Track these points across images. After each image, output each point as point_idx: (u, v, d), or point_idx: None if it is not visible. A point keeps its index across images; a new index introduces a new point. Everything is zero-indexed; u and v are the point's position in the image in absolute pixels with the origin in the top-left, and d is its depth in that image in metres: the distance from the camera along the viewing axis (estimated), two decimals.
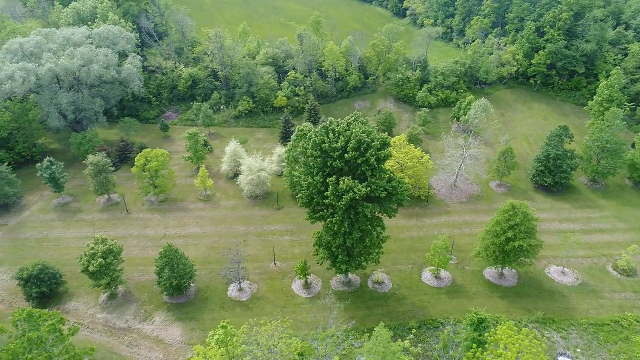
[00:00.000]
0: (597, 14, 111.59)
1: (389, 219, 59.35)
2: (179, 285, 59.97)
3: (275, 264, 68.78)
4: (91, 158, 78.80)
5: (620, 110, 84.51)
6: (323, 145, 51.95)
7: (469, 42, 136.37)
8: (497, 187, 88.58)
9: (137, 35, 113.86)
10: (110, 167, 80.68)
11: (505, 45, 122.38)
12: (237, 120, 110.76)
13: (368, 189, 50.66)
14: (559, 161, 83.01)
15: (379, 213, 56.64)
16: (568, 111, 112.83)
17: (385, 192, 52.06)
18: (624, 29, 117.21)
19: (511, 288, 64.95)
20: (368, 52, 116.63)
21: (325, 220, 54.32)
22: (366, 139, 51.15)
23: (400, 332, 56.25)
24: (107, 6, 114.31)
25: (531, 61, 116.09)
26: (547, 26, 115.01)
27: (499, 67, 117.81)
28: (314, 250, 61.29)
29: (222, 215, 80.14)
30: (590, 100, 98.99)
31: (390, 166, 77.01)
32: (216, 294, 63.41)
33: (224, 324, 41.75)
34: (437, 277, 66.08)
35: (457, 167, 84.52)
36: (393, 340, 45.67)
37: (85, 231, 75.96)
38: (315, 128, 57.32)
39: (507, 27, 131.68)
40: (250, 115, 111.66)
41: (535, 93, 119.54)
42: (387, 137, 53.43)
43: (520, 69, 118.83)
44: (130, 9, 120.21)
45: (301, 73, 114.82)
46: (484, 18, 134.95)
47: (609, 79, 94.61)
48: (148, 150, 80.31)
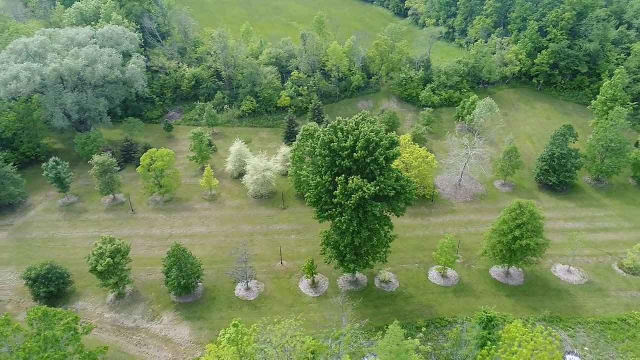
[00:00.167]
0: (600, 13, 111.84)
1: (397, 217, 59.38)
2: (187, 285, 60.03)
3: (281, 263, 68.87)
4: (97, 158, 78.85)
5: (624, 109, 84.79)
6: (332, 144, 52.04)
7: (471, 41, 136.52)
8: (502, 186, 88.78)
9: (140, 35, 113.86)
10: (116, 167, 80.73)
11: (508, 44, 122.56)
12: (241, 120, 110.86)
13: (377, 188, 50.79)
14: (564, 160, 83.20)
15: (386, 212, 56.78)
16: (571, 110, 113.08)
17: (393, 191, 52.18)
18: (626, 29, 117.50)
19: (518, 287, 65.10)
20: (371, 52, 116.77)
21: (334, 219, 54.38)
22: (375, 138, 51.27)
23: (409, 331, 56.32)
24: (110, 6, 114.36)
25: (534, 61, 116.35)
26: (550, 26, 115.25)
27: (501, 66, 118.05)
28: (322, 249, 61.43)
29: (227, 215, 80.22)
30: (594, 100, 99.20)
31: (395, 166, 77.08)
32: (223, 293, 63.49)
33: (235, 322, 41.86)
34: (443, 276, 66.23)
35: (462, 167, 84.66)
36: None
37: (91, 231, 76.03)
38: (324, 127, 57.48)
39: (509, 26, 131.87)
40: (253, 115, 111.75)
41: (538, 92, 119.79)
42: (396, 136, 53.54)
43: (523, 69, 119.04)
44: (133, 9, 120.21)
45: (304, 73, 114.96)
46: (486, 18, 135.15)
47: (612, 79, 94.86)
48: (153, 150, 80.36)
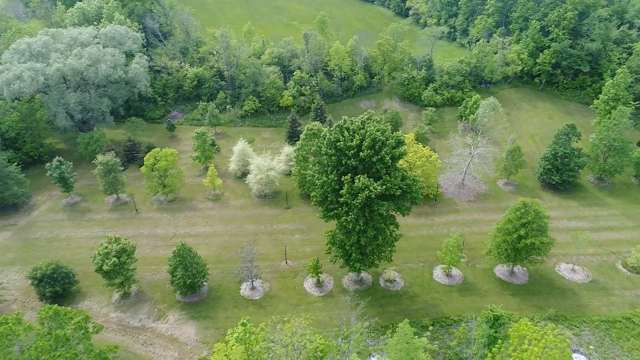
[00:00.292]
0: (602, 13, 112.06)
1: (402, 217, 59.48)
2: (193, 284, 60.08)
3: (286, 262, 68.95)
4: (100, 158, 78.86)
5: (627, 108, 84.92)
6: (338, 143, 52.16)
7: (473, 41, 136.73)
8: (505, 185, 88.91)
9: (143, 35, 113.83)
10: (120, 167, 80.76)
11: (510, 44, 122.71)
12: (244, 120, 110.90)
13: (383, 187, 50.93)
14: (567, 159, 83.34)
15: (392, 211, 56.88)
16: (573, 110, 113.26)
17: (400, 191, 52.30)
18: (627, 28, 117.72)
19: (522, 286, 65.22)
20: (374, 52, 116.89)
21: (340, 219, 54.49)
22: (381, 137, 51.40)
23: (416, 330, 56.39)
24: (112, 6, 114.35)
25: (536, 60, 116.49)
26: (552, 25, 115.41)
27: (503, 66, 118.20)
28: (327, 248, 61.58)
29: (231, 215, 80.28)
30: (596, 99, 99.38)
31: (399, 165, 77.18)
32: (229, 292, 63.56)
33: (244, 322, 41.98)
34: (448, 275, 66.35)
35: (465, 166, 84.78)
36: None
37: (96, 231, 76.07)
38: (329, 127, 57.56)
39: (511, 26, 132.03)
40: (256, 115, 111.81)
41: (540, 92, 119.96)
42: (402, 135, 53.66)
43: (525, 68, 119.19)
44: (136, 8, 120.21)
45: (307, 73, 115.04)
46: (488, 17, 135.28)
47: (614, 78, 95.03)
48: (157, 149, 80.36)
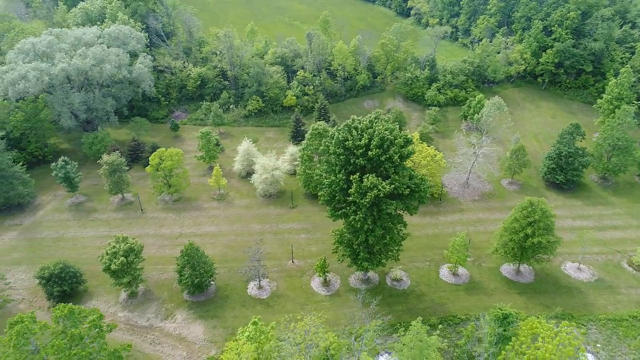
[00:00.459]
0: (605, 13, 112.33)
1: (408, 216, 59.61)
2: (200, 284, 60.17)
3: (293, 262, 69.05)
4: (106, 157, 78.89)
5: (631, 107, 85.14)
6: (346, 142, 52.27)
7: (475, 41, 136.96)
8: (509, 185, 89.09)
9: (146, 35, 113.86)
10: (125, 167, 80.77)
11: (513, 44, 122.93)
12: (247, 120, 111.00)
13: (392, 186, 51.04)
14: (571, 159, 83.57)
15: (400, 210, 56.99)
16: (576, 109, 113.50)
17: (408, 190, 52.42)
18: (630, 28, 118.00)
19: (529, 284, 65.37)
20: (377, 52, 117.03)
21: (348, 218, 54.55)
22: (389, 136, 51.51)
23: (427, 328, 56.49)
24: (116, 6, 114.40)
25: (539, 60, 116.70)
26: (555, 25, 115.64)
27: (506, 66, 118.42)
28: (334, 248, 61.71)
29: (237, 214, 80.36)
30: (600, 99, 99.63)
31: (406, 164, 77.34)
32: (236, 292, 63.64)
33: (255, 320, 42.12)
34: (454, 274, 66.49)
35: (470, 165, 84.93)
36: None
37: (101, 230, 76.12)
38: (336, 127, 57.62)
39: (513, 26, 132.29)
40: (259, 115, 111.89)
41: (543, 91, 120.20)
42: (410, 135, 53.77)
43: (527, 68, 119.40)
44: (139, 9, 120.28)
45: (310, 72, 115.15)
46: (490, 17, 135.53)
47: (618, 78, 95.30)
48: (162, 149, 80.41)
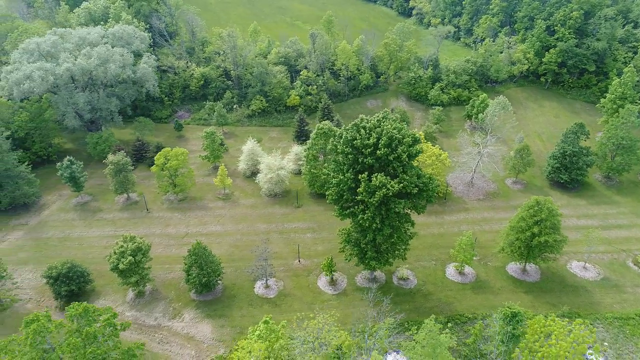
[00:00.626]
0: (608, 12, 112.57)
1: (417, 215, 59.74)
2: (208, 283, 60.28)
3: (299, 261, 69.16)
4: (111, 157, 78.94)
5: (635, 107, 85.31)
6: (355, 142, 52.39)
7: (478, 41, 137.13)
8: (513, 184, 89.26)
9: (149, 35, 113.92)
10: (130, 167, 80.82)
11: (515, 44, 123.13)
12: (251, 120, 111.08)
13: (400, 185, 51.17)
14: (575, 158, 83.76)
15: (407, 209, 57.09)
16: (579, 109, 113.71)
17: (416, 189, 52.55)
18: (632, 28, 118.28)
19: (535, 283, 65.54)
20: (380, 52, 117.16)
21: (356, 217, 54.65)
22: (397, 135, 51.64)
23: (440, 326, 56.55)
24: (119, 6, 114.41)
25: (542, 59, 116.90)
26: (558, 25, 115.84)
27: (509, 65, 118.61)
28: (341, 247, 61.83)
29: (242, 214, 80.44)
30: (603, 98, 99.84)
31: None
32: (243, 291, 63.74)
33: (266, 319, 42.24)
34: (461, 273, 66.63)
35: (475, 165, 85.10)
36: None
37: (107, 230, 76.18)
38: (337, 125, 57.83)
39: (515, 25, 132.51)
40: (263, 115, 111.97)
41: (546, 91, 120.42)
42: (418, 134, 53.91)
43: (530, 67, 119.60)
44: (142, 8, 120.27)
45: (313, 72, 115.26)
46: (493, 17, 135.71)
47: (622, 77, 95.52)
48: (168, 149, 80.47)
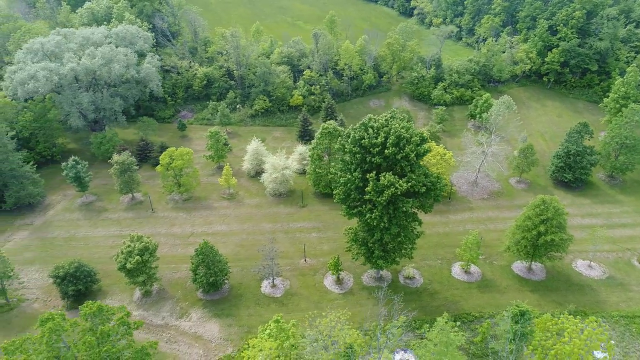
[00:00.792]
0: (611, 12, 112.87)
1: (424, 214, 59.91)
2: (215, 282, 60.34)
3: (305, 260, 69.25)
4: (116, 157, 78.95)
5: (639, 106, 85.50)
6: (363, 141, 52.52)
7: (480, 40, 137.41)
8: (517, 183, 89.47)
9: (152, 35, 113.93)
10: (135, 166, 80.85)
11: (518, 43, 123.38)
12: (254, 119, 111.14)
13: (409, 184, 51.31)
14: (579, 157, 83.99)
15: (414, 208, 57.23)
16: (581, 108, 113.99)
17: (424, 188, 52.70)
18: (634, 27, 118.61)
19: (541, 282, 65.74)
20: (383, 51, 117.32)
21: (364, 216, 54.76)
22: (405, 134, 51.80)
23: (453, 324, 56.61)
24: (123, 6, 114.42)
25: (545, 59, 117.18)
26: (561, 24, 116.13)
27: (512, 65, 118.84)
28: (348, 246, 61.97)
29: (247, 213, 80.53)
30: (606, 98, 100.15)
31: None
32: (250, 290, 63.84)
33: (277, 318, 42.35)
34: (467, 272, 66.79)
35: (479, 164, 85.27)
36: None
37: (113, 230, 76.22)
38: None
39: (517, 25, 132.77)
40: (266, 114, 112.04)
41: (548, 91, 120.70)
42: (425, 133, 54.09)
43: (533, 67, 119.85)
44: (144, 8, 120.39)
45: (317, 72, 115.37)
46: (495, 17, 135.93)
47: (625, 77, 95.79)
48: (172, 149, 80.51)
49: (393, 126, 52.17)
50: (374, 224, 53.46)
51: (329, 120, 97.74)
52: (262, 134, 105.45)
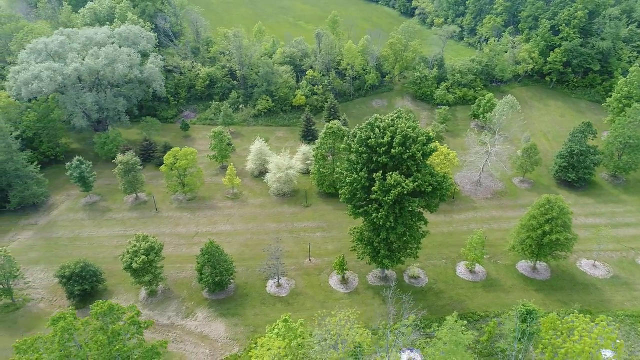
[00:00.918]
0: (613, 12, 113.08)
1: (429, 214, 60.00)
2: (221, 282, 60.40)
3: (310, 260, 69.33)
4: (120, 157, 78.99)
5: None
6: (369, 140, 52.60)
7: (482, 40, 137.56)
8: (520, 183, 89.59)
9: (155, 35, 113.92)
10: (139, 166, 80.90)
11: (520, 43, 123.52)
12: (256, 119, 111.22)
13: (415, 183, 51.40)
14: (582, 157, 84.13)
15: (420, 208, 57.30)
16: (584, 108, 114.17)
17: (430, 187, 52.80)
18: (636, 27, 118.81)
19: (545, 281, 65.85)
20: (385, 51, 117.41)
21: (370, 216, 54.82)
22: (412, 134, 51.92)
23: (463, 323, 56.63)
24: (125, 6, 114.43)
25: (547, 59, 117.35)
26: (563, 24, 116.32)
27: (514, 65, 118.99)
28: (353, 245, 62.04)
29: (251, 213, 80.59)
30: (609, 97, 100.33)
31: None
32: (255, 289, 63.90)
33: (285, 318, 42.43)
34: (471, 271, 66.89)
35: (482, 164, 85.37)
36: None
37: (117, 230, 76.25)
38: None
39: (519, 25, 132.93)
40: (269, 114, 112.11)
41: (551, 90, 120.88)
42: (431, 132, 54.18)
43: (535, 67, 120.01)
44: (147, 8, 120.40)
45: (319, 72, 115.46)
46: (497, 17, 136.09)
47: (627, 76, 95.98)
48: (177, 149, 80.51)
49: (399, 125, 52.26)
50: (380, 223, 53.53)
51: (331, 120, 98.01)
52: (265, 134, 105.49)
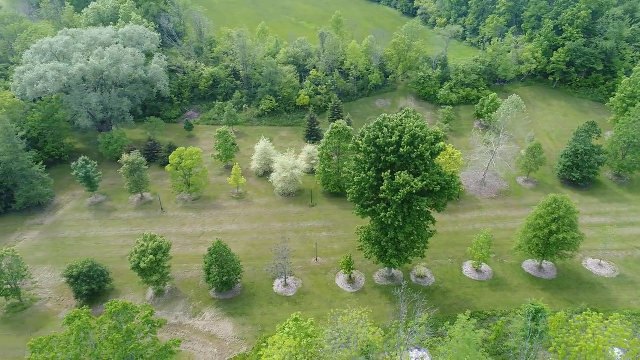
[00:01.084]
0: (617, 11, 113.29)
1: (437, 213, 60.08)
2: (228, 281, 60.48)
3: (316, 259, 69.42)
4: (126, 157, 79.07)
5: None
6: (377, 140, 52.71)
7: (484, 40, 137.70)
8: (524, 182, 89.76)
9: (159, 35, 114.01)
10: (145, 166, 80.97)
11: (522, 43, 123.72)
12: (260, 119, 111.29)
13: (423, 182, 51.50)
14: (587, 156, 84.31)
15: (428, 207, 57.41)
16: (587, 108, 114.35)
17: (439, 187, 52.90)
18: (639, 27, 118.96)
19: (551, 280, 65.99)
20: (388, 51, 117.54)
21: (379, 215, 54.92)
22: (420, 133, 52.04)
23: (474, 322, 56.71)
24: (129, 6, 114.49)
25: (550, 59, 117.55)
26: (566, 24, 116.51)
27: (517, 64, 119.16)
28: (360, 245, 62.13)
29: (257, 213, 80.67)
30: (612, 97, 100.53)
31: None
32: (262, 289, 63.99)
33: (296, 317, 42.52)
34: (478, 270, 67.01)
35: (487, 164, 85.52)
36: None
37: (123, 229, 76.31)
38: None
39: (522, 25, 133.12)
40: (272, 114, 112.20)
41: (554, 90, 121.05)
42: (439, 131, 54.33)
43: (538, 67, 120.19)
44: (150, 8, 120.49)
45: (322, 72, 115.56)
46: (499, 16, 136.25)
47: (631, 76, 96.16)
48: (182, 148, 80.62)
49: (407, 125, 52.40)
50: (389, 222, 53.63)
51: (335, 119, 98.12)
52: (269, 134, 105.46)
